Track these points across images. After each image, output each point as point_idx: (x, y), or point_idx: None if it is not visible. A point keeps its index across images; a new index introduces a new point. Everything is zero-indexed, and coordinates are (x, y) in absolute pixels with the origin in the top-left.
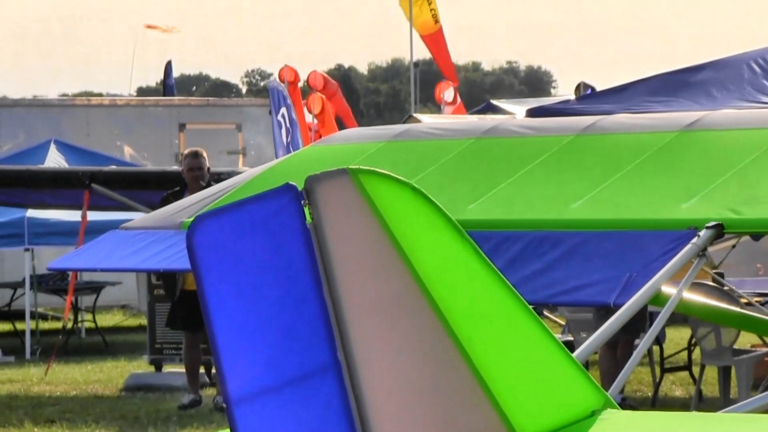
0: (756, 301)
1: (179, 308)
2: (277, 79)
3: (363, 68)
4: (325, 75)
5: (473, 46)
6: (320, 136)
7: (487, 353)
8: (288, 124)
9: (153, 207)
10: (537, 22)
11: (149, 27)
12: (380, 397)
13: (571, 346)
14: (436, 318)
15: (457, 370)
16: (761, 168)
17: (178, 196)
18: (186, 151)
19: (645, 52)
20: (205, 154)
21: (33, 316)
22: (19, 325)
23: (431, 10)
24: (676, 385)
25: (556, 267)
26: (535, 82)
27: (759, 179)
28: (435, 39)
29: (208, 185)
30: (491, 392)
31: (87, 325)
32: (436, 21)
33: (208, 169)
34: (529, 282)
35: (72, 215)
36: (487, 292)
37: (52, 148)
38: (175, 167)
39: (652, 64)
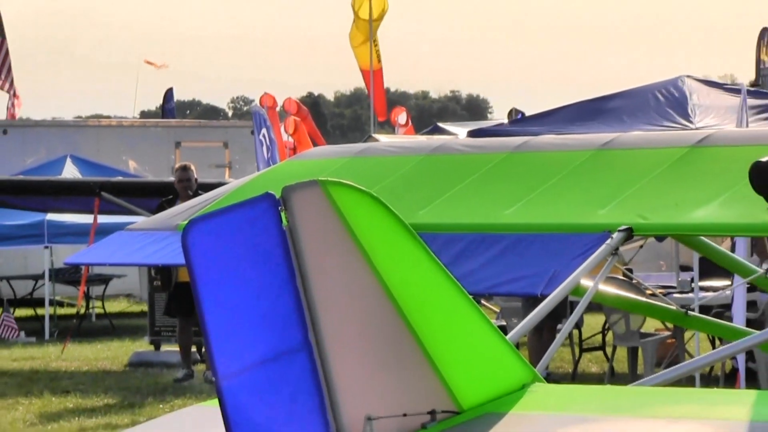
0: (659, 293)
1: (174, 298)
2: (259, 105)
3: (330, 96)
4: (298, 101)
5: (423, 78)
6: (294, 153)
7: (434, 335)
8: (268, 143)
9: (152, 212)
10: (477, 57)
11: (147, 62)
12: (345, 372)
13: (504, 330)
14: (392, 305)
15: (410, 349)
16: (664, 181)
17: (171, 203)
18: (177, 166)
19: (567, 81)
20: (192, 168)
21: (51, 303)
22: (40, 311)
23: (376, 51)
24: (592, 363)
25: (492, 263)
26: (474, 108)
27: (662, 190)
28: (376, 76)
29: (196, 194)
30: (438, 367)
31: (97, 311)
32: (379, 60)
33: (195, 180)
34: (470, 275)
35: (84, 218)
36: (434, 284)
37: (68, 162)
38: (171, 178)
39: (574, 92)
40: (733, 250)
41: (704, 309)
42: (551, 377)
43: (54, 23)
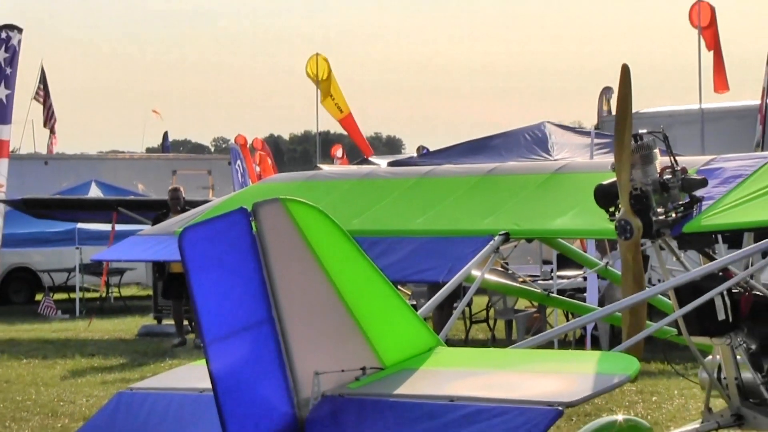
0: (528, 280)
1: (168, 284)
2: (234, 143)
3: (286, 136)
4: (263, 140)
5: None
6: (261, 178)
7: (364, 311)
8: (241, 170)
9: (153, 222)
10: (394, 107)
11: (154, 111)
12: (298, 339)
13: (415, 308)
14: (333, 290)
15: (346, 322)
16: (532, 198)
17: (165, 215)
18: (170, 188)
19: (461, 124)
20: (181, 189)
21: (80, 289)
22: (72, 295)
23: (335, 103)
24: (479, 332)
25: (406, 258)
26: (392, 145)
27: (530, 205)
28: (346, 122)
29: (183, 209)
30: (367, 335)
31: (114, 295)
32: (341, 110)
33: (183, 198)
34: (390, 267)
35: (105, 227)
36: (364, 274)
37: (93, 185)
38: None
39: (466, 133)
40: (584, 249)
41: (560, 292)
42: (449, 342)
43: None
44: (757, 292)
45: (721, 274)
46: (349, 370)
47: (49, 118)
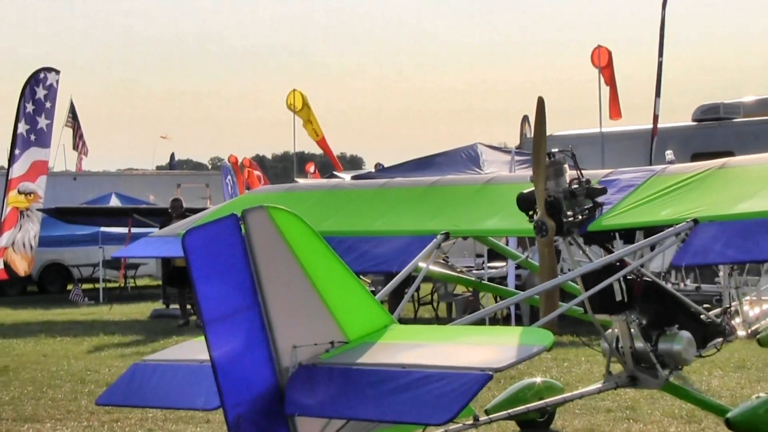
0: (464, 270)
1: (173, 275)
2: (227, 161)
3: (269, 155)
4: (250, 159)
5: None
6: (249, 190)
7: (333, 297)
8: (231, 184)
9: (160, 226)
10: (356, 131)
11: (162, 137)
12: (279, 320)
13: (374, 293)
14: (308, 280)
15: (318, 306)
16: (468, 204)
17: (168, 221)
18: (172, 198)
19: (411, 143)
20: (181, 198)
21: (103, 280)
22: (96, 285)
23: (313, 128)
24: (425, 312)
25: (368, 253)
26: (354, 162)
27: (467, 210)
28: (322, 143)
29: (183, 215)
30: (335, 316)
31: (131, 285)
32: (317, 134)
33: (183, 206)
34: (354, 261)
35: (123, 230)
36: (333, 266)
37: (113, 197)
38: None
39: (415, 150)
40: (507, 244)
41: (490, 279)
42: (401, 321)
43: (103, 107)
44: (647, 278)
45: (618, 264)
46: (320, 344)
47: (81, 144)
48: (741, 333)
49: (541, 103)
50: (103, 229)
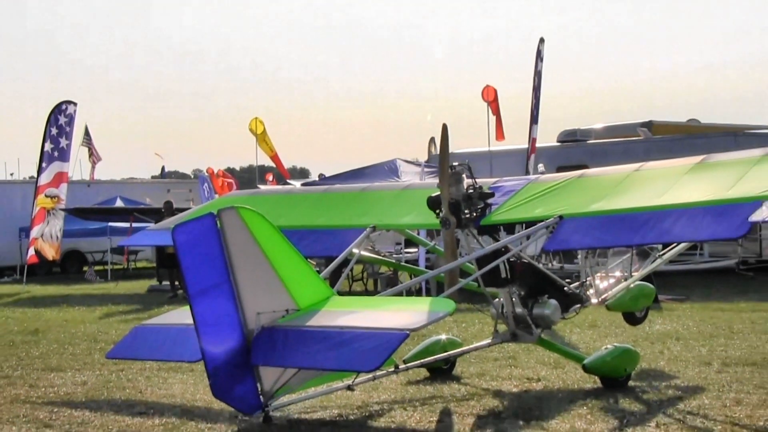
0: (388, 254)
1: (165, 259)
2: (205, 172)
3: (238, 167)
4: (223, 170)
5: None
6: (221, 194)
7: (288, 274)
8: (208, 190)
9: (156, 222)
10: (306, 144)
11: (156, 154)
12: (246, 292)
13: (319, 273)
14: (268, 262)
15: (276, 281)
16: (391, 204)
17: (161, 218)
18: (164, 201)
19: (345, 158)
20: (172, 201)
21: (111, 263)
22: (105, 267)
23: (269, 147)
24: (357, 287)
25: (314, 242)
26: (303, 173)
27: (389, 208)
28: (275, 158)
29: (173, 214)
30: (289, 290)
31: (132, 266)
32: (272, 150)
33: (173, 207)
34: (303, 248)
35: (125, 225)
36: (288, 252)
37: (118, 199)
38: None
39: (348, 163)
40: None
41: (407, 261)
42: (339, 293)
43: (108, 126)
44: (525, 260)
45: (503, 249)
46: (278, 311)
47: (94, 159)
48: (594, 301)
49: (445, 128)
50: (110, 224)
